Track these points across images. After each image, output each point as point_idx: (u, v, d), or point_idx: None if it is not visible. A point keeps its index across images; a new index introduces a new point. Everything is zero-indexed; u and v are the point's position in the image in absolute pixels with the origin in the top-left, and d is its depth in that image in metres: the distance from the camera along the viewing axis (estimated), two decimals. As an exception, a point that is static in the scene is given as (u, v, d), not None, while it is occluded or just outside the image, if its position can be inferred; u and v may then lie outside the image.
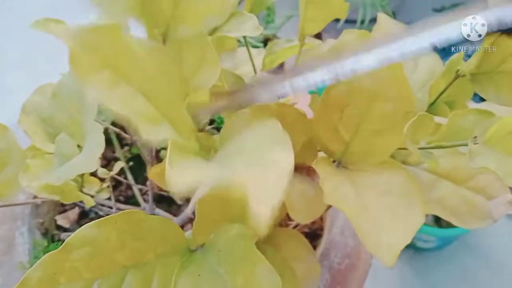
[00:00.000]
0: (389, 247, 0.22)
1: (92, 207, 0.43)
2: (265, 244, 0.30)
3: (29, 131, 0.36)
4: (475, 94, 0.31)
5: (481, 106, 0.30)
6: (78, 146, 0.32)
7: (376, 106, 0.27)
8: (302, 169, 0.32)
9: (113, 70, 0.17)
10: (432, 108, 0.33)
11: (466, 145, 0.25)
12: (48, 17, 0.43)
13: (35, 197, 0.46)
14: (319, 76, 0.20)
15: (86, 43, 0.17)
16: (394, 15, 1.25)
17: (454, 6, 1.40)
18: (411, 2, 1.45)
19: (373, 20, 0.36)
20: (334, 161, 0.29)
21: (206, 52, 0.24)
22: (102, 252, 0.20)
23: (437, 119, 0.29)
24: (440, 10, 1.42)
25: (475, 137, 0.25)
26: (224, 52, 0.36)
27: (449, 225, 0.82)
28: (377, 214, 0.24)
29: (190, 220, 0.42)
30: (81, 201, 0.43)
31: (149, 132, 0.18)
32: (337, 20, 1.11)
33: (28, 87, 0.39)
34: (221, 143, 0.23)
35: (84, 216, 0.48)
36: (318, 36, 0.34)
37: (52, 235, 0.45)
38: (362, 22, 1.10)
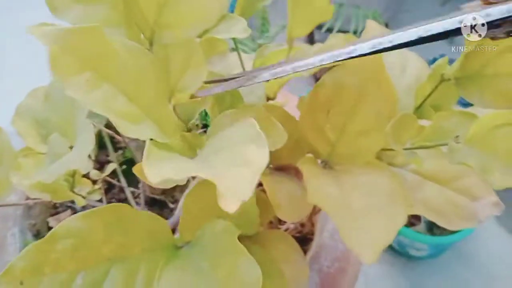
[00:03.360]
0: (370, 245, 0.23)
1: (84, 208, 0.44)
2: (254, 244, 0.30)
3: (23, 132, 0.37)
4: (463, 98, 0.31)
5: (468, 110, 0.31)
6: (71, 147, 0.32)
7: (361, 107, 0.27)
8: (290, 170, 0.32)
9: (94, 71, 0.18)
10: (418, 111, 0.33)
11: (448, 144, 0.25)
12: (44, 22, 0.44)
13: (27, 198, 0.46)
14: (318, 58, 0.21)
15: (66, 45, 0.17)
16: (386, 26, 1.26)
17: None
18: (403, 15, 1.47)
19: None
20: (321, 162, 0.30)
21: (192, 55, 0.25)
22: (87, 244, 0.20)
23: (423, 122, 0.30)
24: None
25: (457, 136, 0.25)
26: (215, 55, 0.36)
27: (442, 233, 0.82)
28: (360, 213, 0.25)
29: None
30: (73, 202, 0.43)
31: (129, 131, 0.18)
32: (330, 31, 1.12)
33: (26, 91, 0.39)
34: (206, 141, 0.24)
35: (76, 218, 0.48)
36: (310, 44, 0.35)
37: (43, 237, 0.45)
38: (355, 32, 1.12)
